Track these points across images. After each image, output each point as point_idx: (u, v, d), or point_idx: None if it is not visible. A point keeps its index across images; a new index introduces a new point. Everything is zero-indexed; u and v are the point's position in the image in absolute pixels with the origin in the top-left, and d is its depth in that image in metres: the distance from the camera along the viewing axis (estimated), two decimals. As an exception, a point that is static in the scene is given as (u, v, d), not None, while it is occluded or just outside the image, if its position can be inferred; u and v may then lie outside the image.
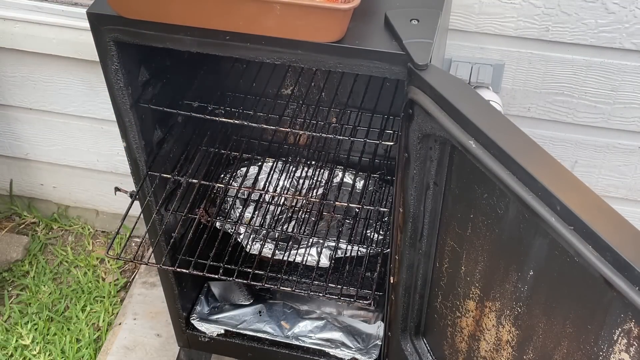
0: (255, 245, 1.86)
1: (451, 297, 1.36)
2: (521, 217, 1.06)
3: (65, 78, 2.06)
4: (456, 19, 1.66)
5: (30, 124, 2.23)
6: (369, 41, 1.17)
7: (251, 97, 1.71)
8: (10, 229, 2.47)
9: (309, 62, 1.20)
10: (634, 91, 1.70)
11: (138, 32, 1.23)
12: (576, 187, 0.96)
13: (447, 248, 1.31)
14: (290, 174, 1.88)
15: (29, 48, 1.99)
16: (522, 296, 1.13)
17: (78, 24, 1.88)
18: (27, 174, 2.41)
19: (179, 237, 1.68)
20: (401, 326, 1.54)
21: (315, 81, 1.75)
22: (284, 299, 1.91)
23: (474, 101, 1.10)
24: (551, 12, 1.61)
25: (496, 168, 1.02)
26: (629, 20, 1.58)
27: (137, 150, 1.46)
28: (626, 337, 0.92)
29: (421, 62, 1.11)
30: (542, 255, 1.04)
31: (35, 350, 2.14)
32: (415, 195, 1.27)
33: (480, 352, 1.33)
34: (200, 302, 1.89)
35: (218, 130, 1.79)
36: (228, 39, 1.19)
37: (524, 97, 1.77)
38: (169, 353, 2.09)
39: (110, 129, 2.13)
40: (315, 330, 1.85)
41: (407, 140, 1.20)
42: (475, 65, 1.69)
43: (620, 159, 1.84)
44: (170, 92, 1.51)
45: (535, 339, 1.14)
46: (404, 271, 1.41)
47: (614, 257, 0.87)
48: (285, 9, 1.10)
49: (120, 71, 1.32)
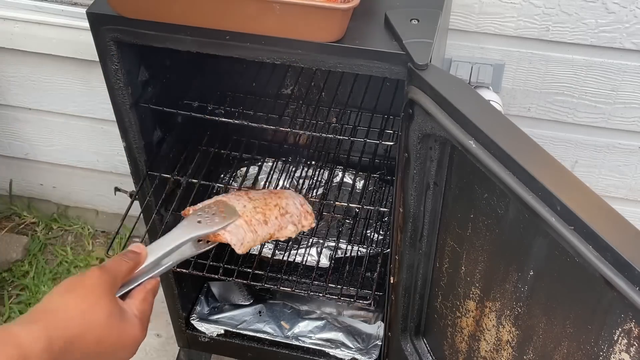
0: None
1: (451, 297, 1.36)
2: (521, 217, 1.06)
3: (65, 78, 2.06)
4: (456, 19, 1.66)
5: (30, 124, 2.23)
6: (369, 41, 1.17)
7: (251, 97, 1.71)
8: (10, 229, 2.47)
9: (309, 62, 1.19)
10: (634, 91, 1.70)
11: (138, 32, 1.23)
12: (576, 187, 0.96)
13: (447, 248, 1.31)
14: (290, 174, 1.87)
15: (29, 48, 1.99)
16: (522, 296, 1.13)
17: (78, 24, 1.88)
18: (26, 173, 2.41)
19: (178, 237, 1.68)
20: (401, 326, 1.54)
21: (315, 81, 1.75)
22: (284, 299, 1.90)
23: (474, 101, 1.09)
24: (551, 12, 1.61)
25: (496, 168, 1.02)
26: (629, 20, 1.58)
27: (137, 150, 1.46)
28: (626, 337, 0.92)
29: (421, 62, 1.11)
30: (542, 255, 1.04)
31: (35, 351, 2.14)
32: (415, 195, 1.27)
33: (480, 352, 1.33)
34: (200, 302, 1.89)
35: (218, 130, 1.79)
36: (228, 39, 1.19)
37: (524, 97, 1.77)
38: (168, 353, 2.09)
39: (110, 129, 2.13)
40: (315, 331, 1.84)
41: (407, 140, 1.20)
42: (475, 65, 1.69)
43: (620, 159, 1.84)
44: (170, 92, 1.51)
45: (536, 339, 1.14)
46: (404, 271, 1.41)
47: (614, 257, 0.87)
48: (285, 8, 1.10)
49: (120, 71, 1.32)
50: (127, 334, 0.96)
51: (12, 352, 0.80)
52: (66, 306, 0.90)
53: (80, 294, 0.92)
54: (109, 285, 0.96)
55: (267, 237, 1.36)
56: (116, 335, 0.94)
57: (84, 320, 0.90)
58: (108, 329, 0.93)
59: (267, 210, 1.36)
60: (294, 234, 1.39)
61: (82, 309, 0.91)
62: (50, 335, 0.85)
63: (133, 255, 1.04)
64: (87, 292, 0.93)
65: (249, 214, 1.33)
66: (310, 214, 1.43)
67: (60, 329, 0.87)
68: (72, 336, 0.88)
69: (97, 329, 0.91)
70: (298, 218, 1.40)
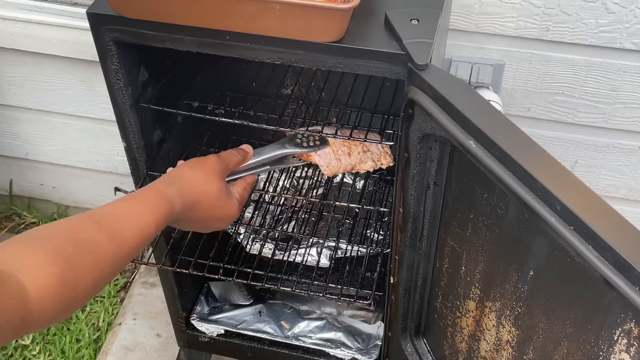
0: (255, 245, 1.86)
1: (451, 297, 1.36)
2: (521, 217, 1.06)
3: (65, 78, 2.06)
4: (456, 19, 1.66)
5: (30, 124, 2.23)
6: (369, 41, 1.17)
7: (251, 97, 1.71)
8: (10, 229, 2.47)
9: (309, 62, 1.19)
10: (634, 91, 1.70)
11: (138, 32, 1.23)
12: (576, 187, 0.96)
13: (447, 248, 1.31)
14: (290, 174, 1.87)
15: (29, 48, 1.99)
16: (522, 296, 1.13)
17: (78, 24, 1.88)
18: (27, 174, 2.41)
19: (178, 237, 1.68)
20: (401, 326, 1.54)
21: (315, 81, 1.75)
22: (284, 299, 1.90)
23: (474, 101, 1.09)
24: (551, 12, 1.61)
25: (496, 168, 1.02)
26: (629, 20, 1.58)
27: (137, 150, 1.46)
28: (626, 337, 0.92)
29: (421, 62, 1.11)
30: (542, 255, 1.04)
31: (35, 350, 2.14)
32: (415, 195, 1.27)
33: (480, 352, 1.33)
34: (200, 302, 1.89)
35: (218, 130, 1.79)
36: (228, 39, 1.19)
37: (524, 97, 1.77)
38: (169, 353, 2.09)
39: (110, 129, 2.13)
40: (315, 330, 1.84)
41: (407, 140, 1.20)
42: (475, 65, 1.69)
43: (620, 159, 1.84)
44: (170, 92, 1.51)
45: (536, 339, 1.14)
46: (404, 271, 1.41)
47: (614, 257, 0.87)
48: (285, 8, 1.10)
49: (120, 71, 1.32)
50: (229, 209, 1.25)
51: (165, 204, 1.09)
52: (193, 177, 1.19)
53: (202, 171, 1.22)
54: (222, 169, 1.26)
55: (349, 168, 1.61)
56: (222, 206, 1.22)
57: (204, 190, 1.19)
58: (218, 199, 1.21)
59: (352, 145, 1.61)
60: (372, 169, 1.63)
61: (202, 181, 1.20)
62: (183, 195, 1.14)
63: (242, 152, 1.36)
64: (207, 171, 1.22)
65: (337, 146, 1.59)
66: (390, 155, 1.65)
67: (189, 193, 1.16)
68: (196, 199, 1.17)
69: (212, 198, 1.20)
70: (378, 156, 1.63)
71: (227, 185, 1.26)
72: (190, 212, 1.16)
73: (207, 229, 1.26)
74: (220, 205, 1.22)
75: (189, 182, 1.18)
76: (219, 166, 1.25)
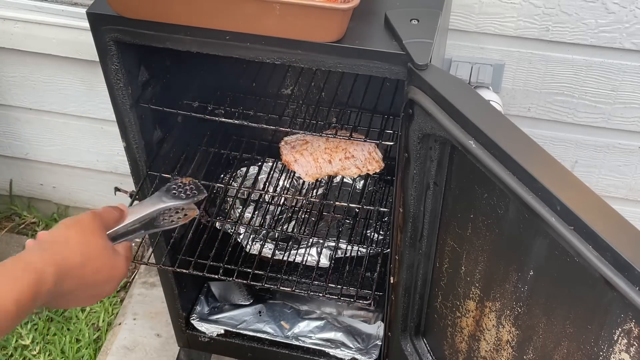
0: (255, 245, 1.86)
1: (451, 297, 1.36)
2: (521, 217, 1.06)
3: (65, 78, 2.06)
4: (456, 19, 1.66)
5: (30, 124, 2.23)
6: (369, 41, 1.17)
7: (251, 97, 1.71)
8: (10, 229, 2.47)
9: (309, 62, 1.19)
10: (634, 91, 1.70)
11: (138, 32, 1.23)
12: (576, 187, 0.96)
13: (447, 248, 1.31)
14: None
15: (29, 48, 1.99)
16: (522, 296, 1.13)
17: (78, 24, 1.88)
18: (26, 173, 2.41)
19: (178, 237, 1.68)
20: (401, 326, 1.54)
21: (315, 81, 1.75)
22: (284, 299, 1.90)
23: (474, 101, 1.10)
24: (551, 12, 1.61)
25: (496, 168, 1.02)
26: (629, 20, 1.58)
27: (137, 150, 1.46)
28: (626, 337, 0.92)
29: (421, 62, 1.11)
30: (542, 255, 1.04)
31: (35, 351, 2.14)
32: (415, 195, 1.27)
33: (480, 352, 1.33)
34: (200, 302, 1.89)
35: (218, 130, 1.79)
36: (228, 39, 1.19)
37: (524, 97, 1.77)
38: (168, 353, 2.09)
39: (110, 129, 2.13)
40: (315, 331, 1.84)
41: (407, 140, 1.20)
42: (475, 65, 1.69)
43: (620, 159, 1.84)
44: (170, 92, 1.51)
45: (536, 339, 1.14)
46: (404, 271, 1.41)
47: (614, 257, 0.87)
48: (285, 8, 1.10)
49: (120, 71, 1.32)
50: (117, 268, 1.08)
51: (31, 276, 0.92)
52: (68, 239, 1.02)
53: (78, 230, 1.05)
54: (101, 226, 1.09)
55: (332, 174, 1.62)
56: (110, 266, 1.06)
57: (83, 251, 1.02)
58: (103, 259, 1.05)
59: (333, 153, 1.61)
60: (356, 175, 1.62)
61: (81, 242, 1.03)
62: (58, 262, 0.97)
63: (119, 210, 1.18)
64: (85, 230, 1.06)
65: (318, 153, 1.60)
66: (377, 161, 1.63)
67: (66, 257, 0.99)
68: (75, 265, 1.00)
69: (95, 260, 1.04)
70: (363, 163, 1.62)
71: (110, 242, 1.10)
72: (69, 282, 0.98)
73: (93, 300, 1.07)
74: (107, 265, 1.06)
75: (64, 246, 1.00)
76: (98, 223, 1.08)
